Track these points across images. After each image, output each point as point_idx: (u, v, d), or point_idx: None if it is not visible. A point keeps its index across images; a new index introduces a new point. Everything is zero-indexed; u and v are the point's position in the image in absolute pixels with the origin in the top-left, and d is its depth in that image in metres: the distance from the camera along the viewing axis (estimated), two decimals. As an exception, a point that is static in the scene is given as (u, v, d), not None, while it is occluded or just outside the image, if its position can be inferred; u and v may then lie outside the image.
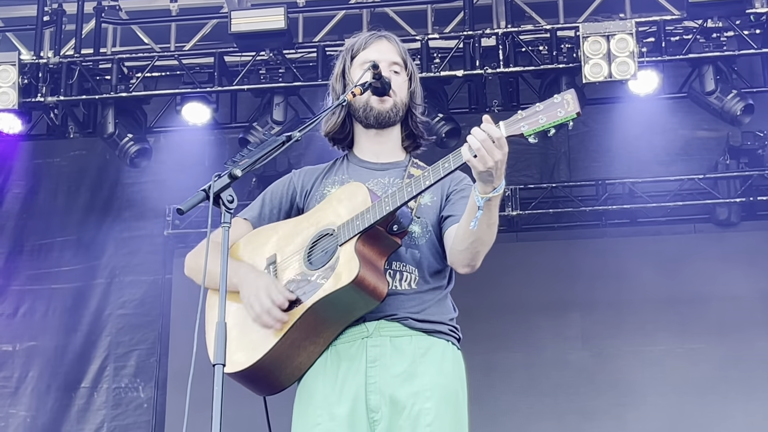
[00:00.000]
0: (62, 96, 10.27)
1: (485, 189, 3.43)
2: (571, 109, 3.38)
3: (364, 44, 4.03)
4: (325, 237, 3.72)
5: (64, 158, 11.92)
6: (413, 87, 4.01)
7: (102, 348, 11.64)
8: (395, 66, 3.97)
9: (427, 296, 3.76)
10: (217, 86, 10.34)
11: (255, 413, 3.84)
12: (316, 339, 3.67)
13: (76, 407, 11.52)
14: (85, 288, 11.76)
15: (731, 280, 10.97)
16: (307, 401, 3.71)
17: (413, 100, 4.00)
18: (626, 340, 10.98)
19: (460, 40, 10.05)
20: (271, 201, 4.00)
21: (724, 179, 11.24)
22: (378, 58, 3.89)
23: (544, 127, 3.40)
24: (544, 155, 11.49)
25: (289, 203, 3.98)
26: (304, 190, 3.98)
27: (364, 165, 3.95)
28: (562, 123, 3.40)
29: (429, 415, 3.60)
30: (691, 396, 10.82)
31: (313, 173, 4.02)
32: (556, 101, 3.41)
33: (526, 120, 3.42)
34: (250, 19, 9.85)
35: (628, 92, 9.87)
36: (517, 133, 3.42)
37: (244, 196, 10.50)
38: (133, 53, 10.90)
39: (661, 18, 10.11)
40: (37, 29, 10.57)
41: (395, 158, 3.98)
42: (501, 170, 3.42)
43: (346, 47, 4.09)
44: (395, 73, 3.95)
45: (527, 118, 3.43)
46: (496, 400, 10.37)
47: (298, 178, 4.02)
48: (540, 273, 11.18)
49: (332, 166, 4.03)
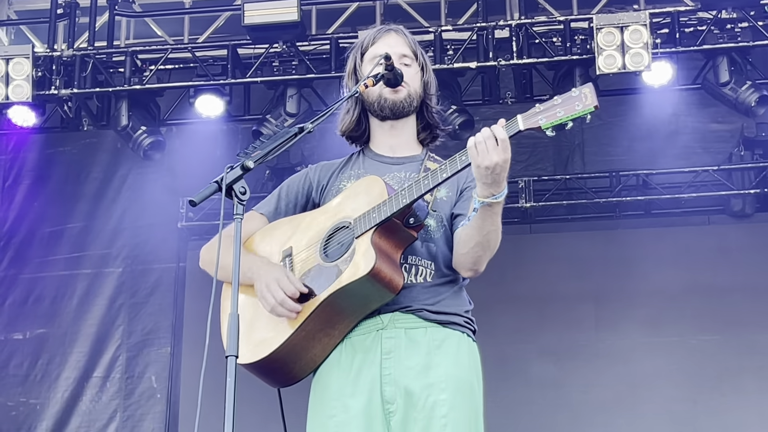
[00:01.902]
0: (76, 89, 10.29)
1: (484, 192, 3.44)
2: (589, 102, 3.39)
3: (373, 40, 4.03)
4: (342, 229, 3.71)
5: (75, 146, 11.91)
6: (426, 78, 4.00)
7: (115, 337, 11.63)
8: (405, 58, 3.96)
9: (442, 288, 3.75)
10: (230, 78, 10.35)
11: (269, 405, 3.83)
12: (331, 331, 3.67)
13: (88, 396, 11.52)
14: (98, 276, 11.76)
15: (746, 271, 10.98)
16: (322, 393, 3.70)
17: (427, 91, 3.99)
18: (640, 331, 10.96)
19: (474, 32, 10.03)
20: (287, 195, 3.99)
21: (739, 171, 11.22)
22: (388, 51, 3.88)
23: (562, 121, 3.41)
24: (558, 147, 11.46)
25: (305, 198, 3.97)
26: (320, 184, 3.97)
27: (380, 159, 3.94)
28: (580, 116, 3.40)
29: (444, 406, 3.59)
30: (706, 387, 10.81)
31: (329, 168, 4.01)
32: (574, 95, 3.41)
33: (544, 113, 3.42)
34: (263, 11, 9.84)
35: (642, 84, 9.85)
36: (535, 126, 3.42)
37: (257, 188, 10.54)
38: (147, 46, 10.91)
39: (675, 9, 10.08)
40: (51, 22, 10.58)
41: (411, 152, 3.96)
42: (502, 175, 3.42)
43: (356, 45, 4.08)
44: (405, 65, 3.94)
45: (545, 111, 3.42)
46: (511, 392, 10.35)
47: (314, 173, 4.01)
48: (553, 265, 11.16)
49: (348, 161, 4.02)
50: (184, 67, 10.80)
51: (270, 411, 3.82)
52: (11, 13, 11.53)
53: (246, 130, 10.86)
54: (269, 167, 10.87)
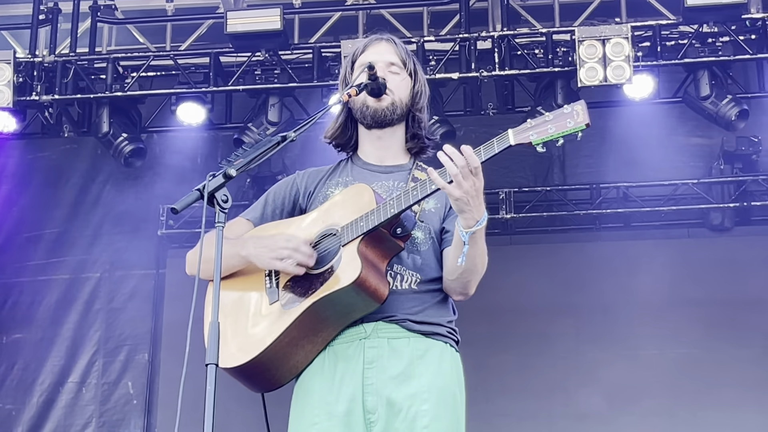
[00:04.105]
0: (57, 95, 10.27)
1: (467, 223, 3.43)
2: (581, 120, 3.39)
3: (363, 48, 4.03)
4: (329, 237, 3.69)
5: (55, 152, 11.88)
6: (417, 87, 3.98)
7: (91, 343, 11.61)
8: (393, 67, 3.94)
9: (427, 297, 3.73)
10: (212, 86, 10.34)
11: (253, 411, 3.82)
12: (314, 338, 3.65)
13: (63, 402, 11.49)
14: (75, 282, 11.75)
15: (724, 285, 10.99)
16: (305, 400, 3.68)
17: (416, 100, 3.96)
18: (619, 344, 10.98)
19: (456, 43, 10.05)
20: (274, 201, 3.97)
21: (718, 184, 11.25)
22: (375, 60, 3.88)
23: (553, 137, 3.40)
24: (539, 158, 11.40)
25: (291, 204, 3.95)
26: (308, 191, 3.95)
27: (368, 168, 3.93)
28: (572, 133, 3.39)
29: (426, 417, 3.57)
30: (684, 401, 10.82)
31: (317, 175, 4.00)
32: (566, 111, 3.42)
33: (535, 129, 3.41)
34: (246, 20, 9.86)
35: (623, 96, 9.88)
36: (526, 142, 3.40)
37: (239, 196, 10.54)
38: (129, 53, 10.89)
39: (656, 22, 10.12)
40: (33, 28, 10.56)
41: (399, 161, 3.94)
42: (479, 199, 3.40)
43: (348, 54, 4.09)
44: (392, 73, 3.92)
45: (536, 127, 3.41)
46: (490, 402, 10.33)
47: (302, 180, 4.00)
48: (533, 276, 11.16)
49: (336, 168, 4.00)
50: (166, 74, 10.80)
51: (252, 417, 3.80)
52: (-8, 19, 11.51)
53: (227, 138, 10.85)
54: (250, 175, 10.86)
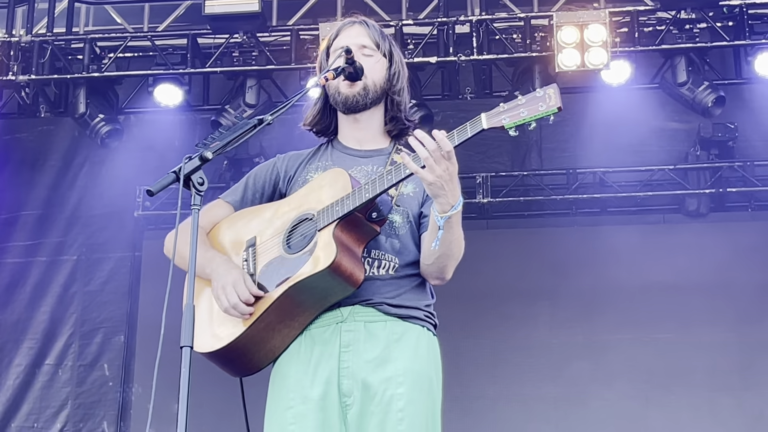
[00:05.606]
0: (34, 75, 10.24)
1: (442, 207, 3.43)
2: (553, 103, 3.41)
3: (337, 33, 4.02)
4: (305, 222, 3.69)
5: (32, 133, 11.85)
6: (394, 69, 3.97)
7: (67, 325, 11.60)
8: (365, 49, 3.93)
9: (404, 282, 3.73)
10: (189, 68, 10.33)
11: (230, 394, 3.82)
12: (290, 323, 3.65)
13: (39, 384, 11.49)
14: (52, 264, 11.73)
15: (699, 271, 11.03)
16: (281, 384, 3.69)
17: (393, 83, 3.96)
18: (594, 328, 11.02)
19: (434, 27, 10.05)
20: (254, 185, 3.97)
21: (694, 170, 11.30)
22: (348, 43, 3.87)
23: (525, 121, 3.41)
24: (516, 143, 11.47)
25: (271, 188, 3.95)
26: (288, 175, 3.95)
27: (348, 152, 3.92)
28: (543, 117, 3.41)
29: (401, 400, 3.57)
30: (658, 385, 10.87)
31: (297, 159, 3.99)
32: (538, 95, 3.43)
33: (508, 113, 3.42)
34: (224, 1, 9.83)
35: (601, 82, 9.90)
36: (498, 126, 3.41)
37: (215, 178, 10.52)
38: (106, 33, 10.87)
39: (634, 8, 10.15)
40: (10, 7, 10.52)
41: (378, 145, 3.94)
42: (453, 183, 3.41)
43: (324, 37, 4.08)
44: (365, 56, 3.92)
45: (509, 110, 3.43)
46: (464, 386, 10.37)
47: (282, 163, 3.99)
48: (509, 260, 11.20)
49: (316, 152, 3.99)
50: (144, 55, 10.78)
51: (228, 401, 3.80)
52: (-32, -2, 11.45)
53: (205, 120, 10.83)
54: (227, 158, 10.84)
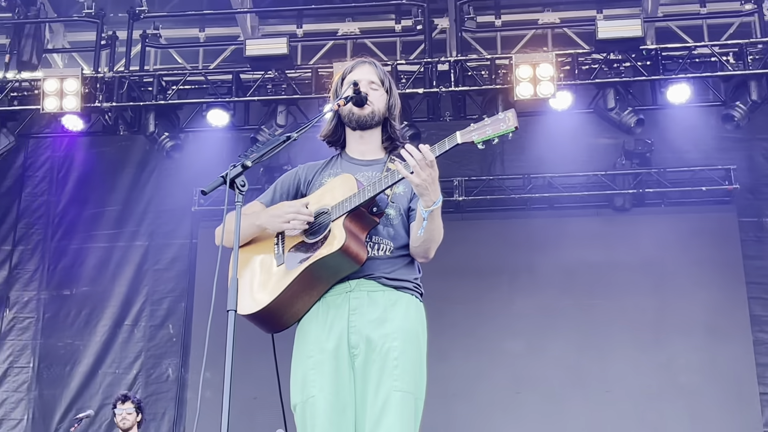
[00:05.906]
0: (114, 102, 10.25)
1: (426, 203, 3.45)
2: (511, 123, 3.42)
3: (351, 69, 4.01)
4: (322, 214, 3.69)
5: (113, 148, 11.89)
6: (392, 101, 3.98)
7: (141, 295, 11.68)
8: (373, 84, 3.93)
9: (398, 261, 3.72)
10: (234, 97, 10.33)
11: (264, 348, 3.81)
12: (311, 291, 3.64)
13: (120, 339, 11.56)
14: (128, 248, 11.81)
15: (624, 252, 11.07)
16: (303, 339, 3.68)
17: (391, 111, 3.96)
18: (543, 297, 11.03)
19: (421, 65, 10.04)
20: (282, 188, 3.97)
21: (621, 175, 11.31)
22: (359, 78, 3.88)
23: (490, 137, 3.43)
24: (483, 154, 11.43)
25: (294, 190, 3.95)
26: (307, 180, 3.94)
27: (354, 161, 3.91)
28: (504, 134, 3.42)
29: (396, 351, 3.56)
30: (591, 341, 10.89)
31: (314, 167, 3.99)
32: (500, 117, 3.44)
33: (477, 131, 3.43)
34: (260, 46, 9.89)
35: (549, 108, 9.89)
36: (470, 141, 3.43)
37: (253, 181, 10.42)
38: (170, 70, 10.85)
39: (575, 51, 10.15)
40: (96, 50, 10.52)
41: (377, 156, 3.93)
42: (434, 185, 3.42)
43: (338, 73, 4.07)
44: (373, 89, 3.92)
45: (478, 129, 3.43)
46: (442, 341, 10.36)
47: (303, 172, 3.99)
48: (479, 245, 11.19)
49: (329, 162, 3.99)
50: (199, 87, 10.78)
51: (264, 353, 3.80)
52: (65, 43, 11.50)
53: (246, 138, 10.81)
54: (263, 166, 10.83)
